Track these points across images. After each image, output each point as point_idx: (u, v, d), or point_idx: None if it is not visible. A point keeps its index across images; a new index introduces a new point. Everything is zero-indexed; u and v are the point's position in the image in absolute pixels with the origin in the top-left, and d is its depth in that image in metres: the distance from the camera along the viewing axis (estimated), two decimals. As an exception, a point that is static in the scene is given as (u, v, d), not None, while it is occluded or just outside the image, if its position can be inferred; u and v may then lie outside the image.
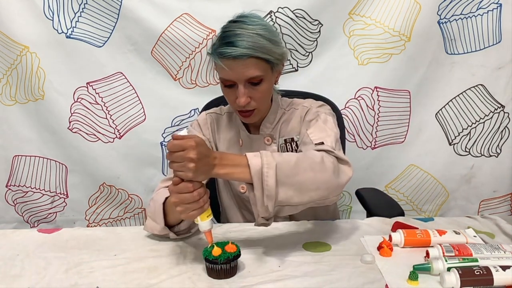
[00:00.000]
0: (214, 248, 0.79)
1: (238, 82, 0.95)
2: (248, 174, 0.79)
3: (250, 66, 0.93)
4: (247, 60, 0.92)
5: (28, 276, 0.84)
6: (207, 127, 1.15)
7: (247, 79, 0.95)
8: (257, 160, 0.79)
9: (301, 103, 1.13)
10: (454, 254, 0.82)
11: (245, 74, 0.94)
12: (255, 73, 0.94)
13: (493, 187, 1.83)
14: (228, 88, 0.99)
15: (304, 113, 1.09)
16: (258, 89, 0.98)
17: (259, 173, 0.78)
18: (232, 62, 0.92)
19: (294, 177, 0.80)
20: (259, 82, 0.97)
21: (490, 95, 1.71)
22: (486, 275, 0.74)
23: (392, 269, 0.82)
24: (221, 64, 0.93)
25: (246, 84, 0.96)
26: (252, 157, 0.80)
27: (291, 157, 0.82)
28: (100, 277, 0.83)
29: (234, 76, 0.95)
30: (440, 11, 1.61)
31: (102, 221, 1.90)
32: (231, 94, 0.99)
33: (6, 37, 1.63)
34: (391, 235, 0.92)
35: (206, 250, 0.81)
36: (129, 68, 1.70)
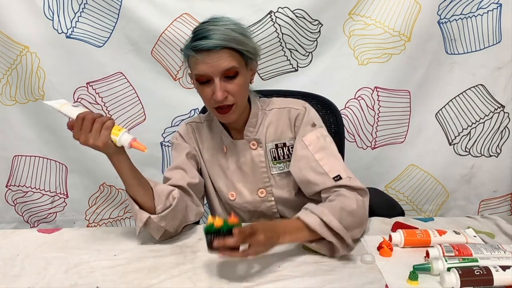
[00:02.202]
0: (216, 220, 0.78)
1: (213, 76, 0.95)
2: (308, 233, 0.86)
3: (224, 57, 0.93)
4: (220, 51, 0.93)
5: (28, 276, 0.84)
6: (189, 137, 1.14)
7: (222, 72, 0.94)
8: (312, 216, 0.86)
9: (284, 102, 1.11)
10: (454, 254, 0.82)
11: (220, 66, 0.94)
12: (230, 64, 0.94)
13: (493, 187, 1.83)
14: (204, 85, 0.98)
15: (294, 116, 1.07)
16: (234, 82, 0.97)
17: (321, 225, 0.85)
18: (206, 55, 0.93)
19: (341, 222, 0.86)
20: (234, 75, 0.97)
21: (490, 95, 1.71)
22: (486, 275, 0.74)
23: (392, 269, 0.82)
24: (195, 58, 0.94)
25: (222, 78, 0.95)
26: (305, 216, 0.86)
27: (335, 206, 0.89)
28: (100, 277, 0.83)
29: (209, 70, 0.94)
30: (440, 11, 1.61)
31: (102, 221, 1.91)
32: (207, 91, 0.97)
33: (6, 37, 1.64)
34: (391, 235, 0.92)
35: (207, 226, 0.79)
36: (129, 68, 1.70)
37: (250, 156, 1.08)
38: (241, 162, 1.09)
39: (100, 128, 0.89)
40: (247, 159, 1.08)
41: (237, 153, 1.09)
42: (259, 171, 1.08)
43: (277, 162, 1.08)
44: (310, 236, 0.86)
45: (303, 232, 0.86)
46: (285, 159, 1.07)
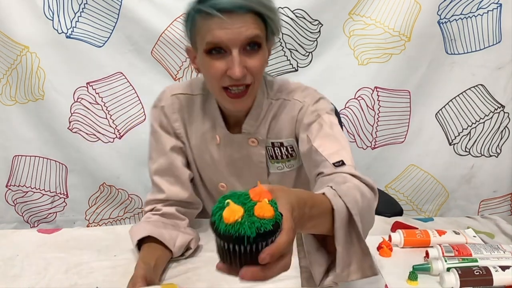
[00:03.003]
0: (234, 212, 0.43)
1: (232, 45, 0.76)
2: (329, 224, 0.61)
3: (249, 23, 0.76)
4: (245, 15, 0.75)
5: (28, 276, 0.84)
6: (176, 116, 0.93)
7: (245, 41, 0.76)
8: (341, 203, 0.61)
9: (292, 92, 0.92)
10: (454, 254, 0.82)
11: (244, 34, 0.75)
12: (254, 32, 0.76)
13: (493, 187, 1.83)
14: (214, 58, 0.78)
15: (297, 111, 0.90)
16: (256, 57, 0.79)
17: (345, 220, 0.61)
18: (227, 17, 0.73)
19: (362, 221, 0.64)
20: (257, 48, 0.79)
21: (490, 95, 1.71)
22: (485, 275, 0.75)
23: (391, 269, 0.82)
24: (209, 20, 0.75)
25: (241, 50, 0.77)
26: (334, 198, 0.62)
27: (356, 196, 0.65)
28: (100, 277, 0.83)
29: (228, 36, 0.75)
30: (440, 11, 1.61)
31: (102, 221, 1.90)
32: (218, 66, 0.78)
33: (6, 37, 1.63)
34: (391, 235, 0.92)
35: (216, 214, 0.45)
36: (129, 68, 1.70)
37: (247, 153, 0.93)
38: (235, 157, 0.95)
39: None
40: (243, 155, 0.94)
41: (232, 147, 0.94)
42: (256, 171, 0.95)
43: (275, 162, 0.95)
44: (327, 228, 0.61)
45: (326, 220, 0.60)
46: (284, 159, 0.94)
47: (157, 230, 0.87)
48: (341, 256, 0.61)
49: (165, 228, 0.89)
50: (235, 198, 0.45)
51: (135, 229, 0.89)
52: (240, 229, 0.42)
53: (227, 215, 0.43)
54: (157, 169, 0.95)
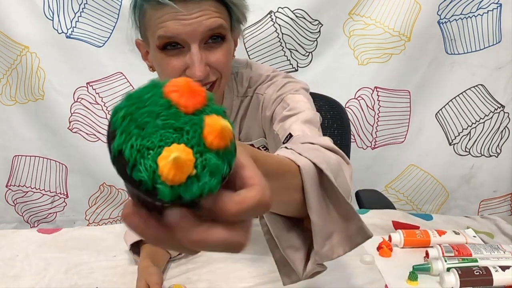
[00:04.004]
0: (183, 166, 0.24)
1: (190, 40, 0.65)
2: (298, 185, 0.46)
3: (209, 12, 0.64)
4: (203, 2, 0.64)
5: (28, 276, 0.84)
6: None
7: (205, 33, 0.65)
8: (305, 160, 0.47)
9: (258, 86, 0.80)
10: (454, 254, 0.82)
11: (204, 24, 0.64)
12: (217, 21, 0.65)
13: (493, 187, 1.83)
14: (169, 54, 0.67)
15: (260, 106, 0.79)
16: (219, 51, 0.68)
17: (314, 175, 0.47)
18: (181, 5, 0.62)
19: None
20: (220, 40, 0.68)
21: (490, 95, 1.71)
22: (485, 275, 0.75)
23: (391, 270, 0.82)
24: (160, 10, 0.64)
25: (202, 45, 0.66)
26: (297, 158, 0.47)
27: (320, 153, 0.52)
28: (100, 277, 0.83)
29: (184, 29, 0.64)
30: (440, 11, 1.61)
31: (102, 221, 1.90)
32: (175, 65, 0.68)
33: (6, 37, 1.63)
34: (391, 236, 0.92)
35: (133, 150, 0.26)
36: (129, 68, 1.70)
37: None
38: None
39: None
40: None
41: None
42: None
43: None
44: (297, 198, 0.46)
45: (292, 184, 0.45)
46: None
47: None
48: (318, 227, 0.47)
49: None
50: (149, 112, 0.25)
51: (129, 233, 0.89)
52: (181, 192, 0.24)
53: (171, 173, 0.24)
54: None
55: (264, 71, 0.84)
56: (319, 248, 0.48)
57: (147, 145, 0.25)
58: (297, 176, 0.45)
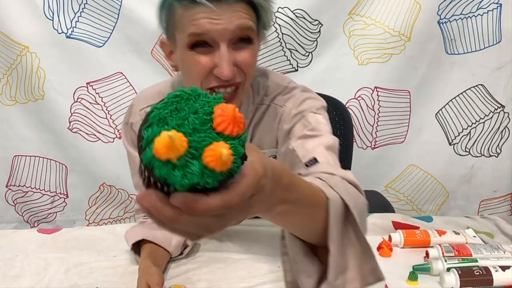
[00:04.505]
0: (171, 148, 0.28)
1: (220, 38, 0.65)
2: (322, 218, 0.50)
3: (240, 13, 0.66)
4: (236, 4, 0.65)
5: (27, 276, 0.84)
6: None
7: (235, 32, 0.66)
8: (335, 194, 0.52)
9: (276, 96, 0.81)
10: (454, 254, 0.82)
11: (234, 23, 0.65)
12: (247, 23, 0.66)
13: (493, 187, 1.83)
14: (198, 52, 0.67)
15: (278, 118, 0.80)
16: (246, 51, 0.68)
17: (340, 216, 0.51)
18: (215, 5, 0.63)
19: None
20: (248, 41, 0.69)
21: (490, 95, 1.71)
22: (485, 275, 0.75)
23: (391, 270, 0.82)
24: (192, 9, 0.64)
25: (230, 44, 0.67)
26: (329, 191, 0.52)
27: (350, 191, 0.56)
28: (100, 277, 0.83)
29: (215, 28, 0.64)
30: (440, 11, 1.61)
31: (102, 221, 1.90)
32: (203, 62, 0.67)
33: (6, 37, 1.63)
34: (391, 236, 0.92)
35: (149, 129, 0.31)
36: (129, 68, 1.70)
37: None
38: None
39: None
40: None
41: None
42: None
43: None
44: (318, 227, 0.50)
45: (318, 214, 0.49)
46: None
47: (151, 232, 0.87)
48: (335, 258, 0.50)
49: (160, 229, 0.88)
50: (185, 107, 0.31)
51: (130, 233, 0.89)
52: (170, 174, 0.29)
53: (160, 145, 0.28)
54: (136, 184, 0.94)
55: (281, 80, 0.85)
56: (332, 279, 0.50)
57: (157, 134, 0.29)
58: (324, 207, 0.49)
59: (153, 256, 0.82)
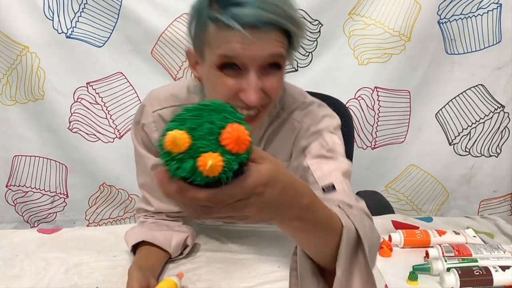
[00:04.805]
0: (175, 143, 0.36)
1: (250, 64, 0.65)
2: (334, 242, 0.55)
3: (273, 40, 0.64)
4: (271, 32, 0.63)
5: (27, 276, 0.84)
6: (157, 136, 0.83)
7: (266, 59, 0.65)
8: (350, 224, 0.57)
9: (293, 110, 0.82)
10: (454, 254, 0.82)
11: (266, 51, 0.64)
12: (280, 51, 0.66)
13: (493, 187, 1.83)
14: (225, 73, 0.66)
15: (294, 134, 0.81)
16: (274, 77, 0.68)
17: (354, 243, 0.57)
18: (249, 32, 0.61)
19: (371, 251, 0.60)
20: (277, 68, 0.68)
21: (490, 95, 1.71)
22: (485, 275, 0.75)
23: (391, 270, 0.82)
24: (227, 31, 0.62)
25: (259, 69, 0.66)
26: (347, 220, 0.57)
27: (365, 223, 0.61)
28: (100, 277, 0.83)
29: (247, 53, 0.63)
30: (440, 11, 1.61)
31: (102, 221, 1.90)
32: (229, 84, 0.66)
33: (6, 37, 1.63)
34: (391, 235, 0.92)
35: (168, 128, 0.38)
36: (129, 68, 1.70)
37: None
38: None
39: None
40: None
41: None
42: None
43: None
44: (330, 250, 0.56)
45: (330, 238, 0.55)
46: None
47: (151, 233, 0.87)
48: (339, 282, 0.54)
49: (160, 230, 0.89)
50: (207, 116, 0.37)
51: (130, 234, 0.89)
52: (168, 162, 0.37)
53: (168, 138, 0.35)
54: (143, 183, 0.94)
55: (298, 95, 0.85)
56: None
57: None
58: (338, 233, 0.55)
59: (142, 259, 0.82)
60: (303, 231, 0.52)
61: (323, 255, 0.57)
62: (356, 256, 0.57)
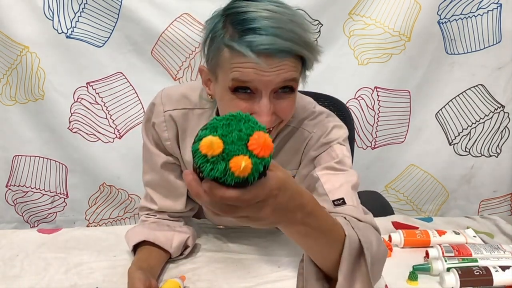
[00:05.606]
0: (210, 147, 0.41)
1: (263, 89, 0.66)
2: (337, 252, 0.60)
3: (288, 66, 0.66)
4: (285, 59, 0.65)
5: (27, 276, 0.84)
6: (167, 135, 0.85)
7: (279, 84, 0.66)
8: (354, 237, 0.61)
9: (303, 119, 0.84)
10: (454, 254, 0.83)
11: (280, 77, 0.65)
12: (293, 75, 0.67)
13: (493, 187, 1.83)
14: (238, 96, 0.67)
15: (304, 143, 0.83)
16: (287, 100, 0.69)
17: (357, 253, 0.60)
18: (264, 60, 0.62)
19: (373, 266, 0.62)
20: (290, 91, 0.69)
21: (490, 95, 1.71)
22: (485, 275, 0.75)
23: (391, 270, 0.82)
24: (241, 57, 0.63)
25: (272, 93, 0.67)
26: (350, 231, 0.61)
27: (371, 237, 0.64)
28: (100, 277, 0.83)
29: (260, 79, 0.64)
30: (440, 11, 1.61)
31: (102, 221, 1.90)
32: (243, 108, 0.67)
33: (6, 37, 1.63)
34: (391, 235, 0.92)
35: (203, 131, 0.43)
36: (129, 68, 1.70)
37: None
38: None
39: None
40: None
41: None
42: None
43: None
44: (333, 258, 0.60)
45: (333, 246, 0.60)
46: None
47: (152, 233, 0.87)
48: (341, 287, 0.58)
49: (161, 230, 0.89)
50: (235, 125, 0.42)
51: (131, 233, 0.89)
52: (203, 165, 0.41)
53: (203, 143, 0.40)
54: (149, 181, 0.93)
55: (307, 104, 0.87)
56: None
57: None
58: (341, 242, 0.59)
59: (142, 260, 0.82)
60: (307, 236, 0.56)
61: (327, 262, 0.61)
62: (358, 265, 0.60)
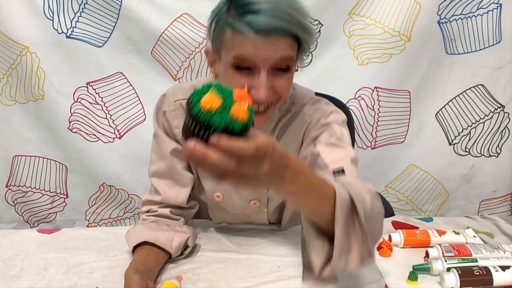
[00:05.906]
0: (211, 96, 0.46)
1: (262, 65, 0.72)
2: (329, 208, 0.61)
3: (283, 44, 0.72)
4: (282, 38, 0.71)
5: (27, 276, 0.84)
6: (176, 123, 0.91)
7: (276, 62, 0.73)
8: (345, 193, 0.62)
9: (303, 104, 0.90)
10: (454, 254, 0.83)
11: (276, 54, 0.72)
12: (289, 54, 0.74)
13: (493, 187, 1.83)
14: (239, 72, 0.74)
15: (305, 126, 0.89)
16: (284, 77, 0.76)
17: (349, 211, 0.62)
18: (262, 38, 0.69)
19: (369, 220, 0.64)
20: (287, 69, 0.76)
21: (490, 95, 1.71)
22: (485, 275, 0.75)
23: (391, 270, 0.82)
24: (242, 36, 0.70)
25: (270, 70, 0.74)
26: (340, 188, 0.62)
27: (364, 194, 0.65)
28: (100, 277, 0.83)
29: (259, 55, 0.71)
30: (440, 11, 1.61)
31: (102, 221, 1.90)
32: (241, 82, 0.73)
33: (6, 37, 1.63)
34: (391, 235, 0.92)
35: (196, 95, 0.47)
36: (129, 68, 1.70)
37: None
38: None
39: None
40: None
41: None
42: None
43: None
44: (327, 214, 0.61)
45: (325, 202, 0.61)
46: None
47: (153, 234, 0.87)
48: (339, 241, 0.60)
49: (161, 230, 0.89)
50: (219, 88, 0.47)
51: (131, 233, 0.89)
52: (211, 118, 0.45)
53: (205, 100, 0.45)
54: (156, 171, 0.95)
55: (307, 92, 0.95)
56: (337, 257, 0.61)
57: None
58: (332, 198, 0.60)
59: (140, 262, 0.82)
60: (298, 195, 0.58)
61: (322, 219, 0.63)
62: (353, 219, 0.62)
